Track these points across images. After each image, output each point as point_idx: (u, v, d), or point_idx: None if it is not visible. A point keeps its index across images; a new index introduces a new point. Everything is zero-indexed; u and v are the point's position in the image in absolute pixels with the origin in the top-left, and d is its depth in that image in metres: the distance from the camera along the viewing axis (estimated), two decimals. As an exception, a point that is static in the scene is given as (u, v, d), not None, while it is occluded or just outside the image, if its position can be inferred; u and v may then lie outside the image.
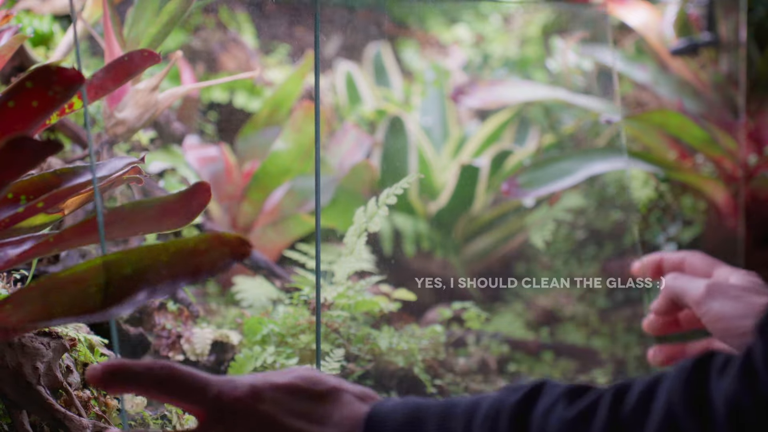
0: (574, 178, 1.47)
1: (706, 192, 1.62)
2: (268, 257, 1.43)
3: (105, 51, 1.16)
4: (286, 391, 0.82)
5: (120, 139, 1.18)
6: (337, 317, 1.18)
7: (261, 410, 0.79)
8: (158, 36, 1.15)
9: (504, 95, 1.67)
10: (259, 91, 1.80)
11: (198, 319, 1.22)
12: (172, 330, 1.15)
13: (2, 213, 0.79)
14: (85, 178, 0.81)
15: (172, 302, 1.19)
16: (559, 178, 1.46)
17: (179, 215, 0.84)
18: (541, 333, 1.66)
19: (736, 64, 1.64)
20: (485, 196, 1.76)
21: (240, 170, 1.60)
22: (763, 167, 1.61)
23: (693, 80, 1.71)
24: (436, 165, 1.80)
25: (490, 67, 2.15)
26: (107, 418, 0.96)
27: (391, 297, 1.27)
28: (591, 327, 1.66)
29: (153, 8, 1.15)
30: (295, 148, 1.49)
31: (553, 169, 1.47)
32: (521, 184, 1.44)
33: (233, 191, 1.57)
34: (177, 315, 1.17)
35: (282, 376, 0.83)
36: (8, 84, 1.31)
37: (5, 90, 0.74)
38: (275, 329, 1.16)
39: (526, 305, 1.72)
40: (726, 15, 1.65)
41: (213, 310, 1.41)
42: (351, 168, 1.55)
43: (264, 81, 1.85)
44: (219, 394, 0.79)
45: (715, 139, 1.54)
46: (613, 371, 1.61)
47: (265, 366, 1.11)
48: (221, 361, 1.15)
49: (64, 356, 0.96)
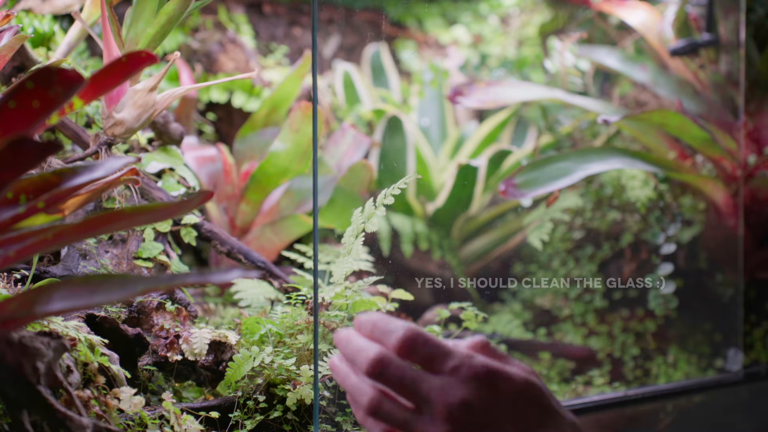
0: (572, 178, 1.47)
1: (705, 192, 1.62)
2: (266, 257, 1.43)
3: (103, 51, 1.17)
4: None
5: (118, 139, 1.18)
6: (335, 317, 1.18)
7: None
8: (156, 36, 1.15)
9: (502, 96, 1.67)
10: (258, 91, 1.80)
11: (196, 319, 1.22)
12: (170, 330, 1.16)
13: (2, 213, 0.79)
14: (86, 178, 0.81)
15: (170, 302, 1.19)
16: (556, 178, 1.46)
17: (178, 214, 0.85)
18: (538, 333, 1.67)
19: (735, 64, 1.64)
20: (483, 196, 1.77)
21: (238, 170, 1.60)
22: (762, 167, 1.61)
23: (692, 80, 1.71)
24: (434, 165, 1.81)
25: (488, 67, 2.15)
26: (107, 417, 0.96)
27: (389, 297, 1.27)
28: (588, 327, 1.67)
29: (151, 9, 1.15)
30: (293, 149, 1.49)
31: (551, 169, 1.48)
32: (519, 185, 1.44)
33: (231, 191, 1.58)
34: (175, 315, 1.17)
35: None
36: (9, 84, 1.31)
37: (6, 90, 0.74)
38: (273, 329, 1.16)
39: (523, 305, 1.73)
40: (725, 15, 1.66)
41: (211, 310, 1.41)
42: (349, 168, 1.55)
43: (262, 81, 1.85)
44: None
45: (715, 140, 1.54)
46: (611, 371, 1.61)
47: (263, 366, 1.11)
48: (219, 361, 1.16)
49: (64, 356, 0.96)
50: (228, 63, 1.84)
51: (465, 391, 0.84)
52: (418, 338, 0.86)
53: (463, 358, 0.86)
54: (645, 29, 1.75)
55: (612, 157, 1.54)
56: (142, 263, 1.24)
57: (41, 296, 0.74)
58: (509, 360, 0.90)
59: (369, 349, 0.87)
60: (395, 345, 0.87)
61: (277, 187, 1.55)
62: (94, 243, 1.21)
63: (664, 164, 1.60)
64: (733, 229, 1.60)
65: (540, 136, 1.82)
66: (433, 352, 0.86)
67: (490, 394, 0.85)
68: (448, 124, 1.91)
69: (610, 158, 1.53)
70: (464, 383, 0.85)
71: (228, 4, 2.04)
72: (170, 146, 1.42)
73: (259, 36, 2.10)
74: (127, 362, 1.08)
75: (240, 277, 0.73)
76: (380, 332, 0.88)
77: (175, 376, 1.17)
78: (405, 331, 0.87)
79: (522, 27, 2.27)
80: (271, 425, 1.10)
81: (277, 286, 1.36)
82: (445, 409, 0.84)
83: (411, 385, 0.85)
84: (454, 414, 0.84)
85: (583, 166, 1.49)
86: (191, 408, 1.08)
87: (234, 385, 1.12)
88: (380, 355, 0.86)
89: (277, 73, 1.94)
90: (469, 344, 0.90)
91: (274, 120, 1.67)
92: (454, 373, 0.85)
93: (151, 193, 1.28)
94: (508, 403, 0.85)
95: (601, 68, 1.84)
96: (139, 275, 1.15)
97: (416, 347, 0.86)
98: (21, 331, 0.88)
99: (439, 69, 1.97)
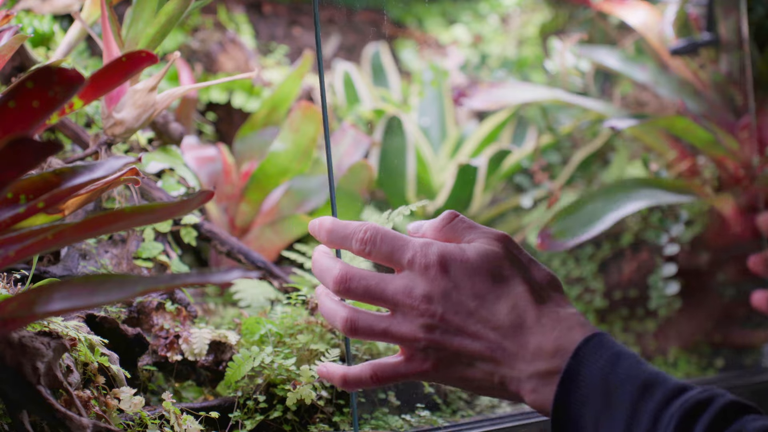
0: (605, 223, 1.45)
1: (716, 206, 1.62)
2: (266, 257, 1.43)
3: (103, 51, 1.16)
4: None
5: (118, 139, 1.18)
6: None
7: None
8: (156, 36, 1.15)
9: (504, 97, 1.68)
10: (258, 91, 1.80)
11: (196, 319, 1.22)
12: (170, 330, 1.15)
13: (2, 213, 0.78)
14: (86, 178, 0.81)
15: (170, 302, 1.19)
16: (590, 223, 1.44)
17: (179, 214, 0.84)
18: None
19: (735, 64, 1.64)
20: (483, 195, 1.77)
21: (238, 170, 1.60)
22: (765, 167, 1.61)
23: (693, 80, 1.71)
24: (434, 165, 1.81)
25: (489, 67, 2.15)
26: (107, 417, 0.96)
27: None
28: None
29: (151, 8, 1.15)
30: (293, 149, 1.49)
31: (582, 214, 1.46)
32: (554, 235, 1.43)
33: (231, 191, 1.58)
34: (175, 315, 1.17)
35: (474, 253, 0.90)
36: (8, 84, 1.31)
37: (6, 90, 0.74)
38: (273, 329, 1.16)
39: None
40: (726, 15, 1.65)
41: (211, 310, 1.41)
42: (349, 168, 1.55)
43: (262, 81, 1.85)
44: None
45: (718, 140, 1.54)
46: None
47: (263, 366, 1.11)
48: (219, 361, 1.16)
49: (64, 356, 0.96)
50: (228, 63, 1.84)
51: (425, 283, 0.88)
52: (376, 236, 0.91)
53: (417, 248, 0.89)
54: (645, 29, 1.75)
55: (639, 190, 1.52)
56: (142, 263, 1.24)
57: (41, 296, 0.74)
58: (474, 230, 0.93)
59: (331, 268, 0.91)
60: (354, 249, 0.92)
61: (277, 187, 1.55)
62: (94, 243, 1.21)
63: (689, 190, 1.59)
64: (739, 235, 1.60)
65: (540, 135, 1.82)
66: (391, 248, 0.90)
67: (447, 279, 0.88)
68: (448, 124, 1.91)
69: (637, 193, 1.51)
70: (423, 275, 0.88)
71: (228, 4, 2.04)
72: (170, 146, 1.41)
73: (259, 36, 2.10)
74: (127, 362, 1.08)
75: (240, 277, 0.73)
76: (338, 239, 0.93)
77: (175, 376, 1.17)
78: (362, 233, 0.91)
79: (522, 26, 2.27)
80: (271, 425, 1.10)
81: (277, 286, 1.36)
82: (413, 305, 0.88)
83: (377, 292, 0.89)
84: (421, 308, 0.88)
85: (613, 207, 1.47)
86: (191, 408, 1.08)
87: (234, 385, 1.11)
88: (341, 273, 0.90)
89: (277, 73, 1.94)
90: (432, 225, 0.95)
91: (274, 120, 1.67)
92: (411, 266, 0.89)
93: (151, 193, 1.28)
94: (465, 279, 0.88)
95: (601, 68, 1.84)
96: (139, 275, 1.14)
97: (375, 247, 0.90)
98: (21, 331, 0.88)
99: (439, 69, 1.97)
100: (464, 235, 0.93)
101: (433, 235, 0.94)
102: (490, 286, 0.88)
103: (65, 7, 1.51)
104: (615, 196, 1.50)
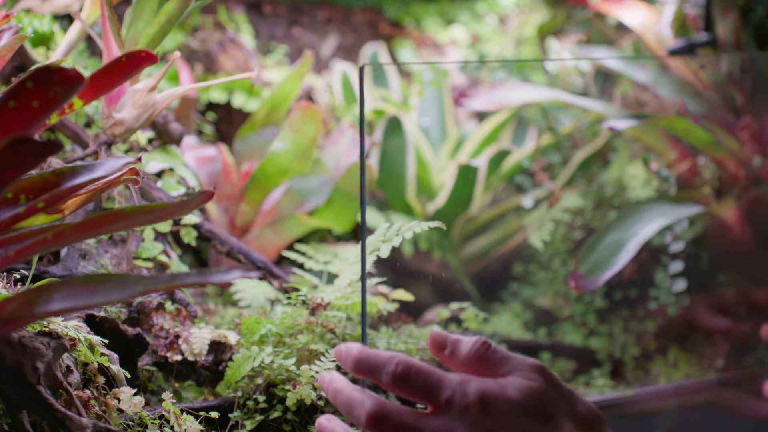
0: (629, 251, 1.45)
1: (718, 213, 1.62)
2: (266, 257, 1.43)
3: (103, 51, 1.16)
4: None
5: (118, 139, 1.18)
6: (333, 317, 1.18)
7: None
8: (156, 36, 1.15)
9: (505, 98, 1.68)
10: (258, 91, 1.80)
11: (196, 319, 1.22)
12: (170, 330, 1.15)
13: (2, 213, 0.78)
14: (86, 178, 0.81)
15: (170, 302, 1.19)
16: (615, 255, 1.44)
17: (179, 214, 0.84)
18: (538, 333, 1.66)
19: (735, 64, 1.64)
20: (483, 196, 1.77)
21: (238, 170, 1.60)
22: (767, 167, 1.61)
23: (693, 80, 1.71)
24: (434, 165, 1.81)
25: (489, 67, 2.15)
26: (107, 417, 0.96)
27: (389, 297, 1.27)
28: (588, 327, 1.67)
29: (151, 8, 1.15)
30: (293, 149, 1.49)
31: (603, 247, 1.45)
32: (585, 275, 1.43)
33: (231, 191, 1.57)
34: (175, 315, 1.17)
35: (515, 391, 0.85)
36: (8, 84, 1.31)
37: (6, 90, 0.74)
38: (273, 329, 1.16)
39: (523, 305, 1.73)
40: (723, 15, 1.65)
41: (211, 311, 1.41)
42: (347, 168, 1.55)
43: (262, 81, 1.85)
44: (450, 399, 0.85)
45: (718, 141, 1.54)
46: (611, 372, 1.61)
47: (263, 366, 1.11)
48: (219, 361, 1.16)
49: (64, 356, 0.96)
50: (228, 63, 1.84)
51: (467, 426, 0.84)
52: (409, 371, 0.86)
53: (455, 386, 0.85)
54: (643, 30, 1.75)
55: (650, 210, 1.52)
56: (142, 263, 1.24)
57: (41, 296, 0.74)
58: (509, 361, 0.89)
59: (363, 401, 0.87)
60: (384, 383, 0.87)
61: (277, 187, 1.55)
62: (94, 243, 1.21)
63: (695, 200, 1.59)
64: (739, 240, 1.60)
65: (540, 136, 1.82)
66: (425, 384, 0.86)
67: (490, 421, 0.84)
68: (448, 124, 1.91)
69: (650, 213, 1.52)
70: (463, 416, 0.84)
71: (228, 4, 2.04)
72: (170, 146, 1.41)
73: (259, 36, 2.10)
74: (127, 362, 1.08)
75: (240, 277, 0.73)
76: (366, 369, 0.89)
77: (175, 376, 1.17)
78: (393, 366, 0.87)
79: (520, 27, 2.27)
80: (271, 425, 1.10)
81: (277, 286, 1.36)
82: None
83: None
84: None
85: (632, 232, 1.47)
86: (191, 408, 1.08)
87: (234, 385, 1.11)
88: (375, 409, 0.86)
89: (277, 73, 1.94)
90: (463, 353, 0.90)
91: (274, 120, 1.67)
92: (450, 405, 0.85)
93: (151, 193, 1.28)
94: (510, 419, 0.84)
95: (601, 69, 1.84)
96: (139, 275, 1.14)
97: (407, 383, 0.86)
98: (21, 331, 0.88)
99: (438, 69, 1.97)
100: (499, 368, 0.89)
101: (465, 365, 0.90)
102: (535, 426, 0.85)
103: (65, 7, 1.51)
104: (629, 220, 1.50)
